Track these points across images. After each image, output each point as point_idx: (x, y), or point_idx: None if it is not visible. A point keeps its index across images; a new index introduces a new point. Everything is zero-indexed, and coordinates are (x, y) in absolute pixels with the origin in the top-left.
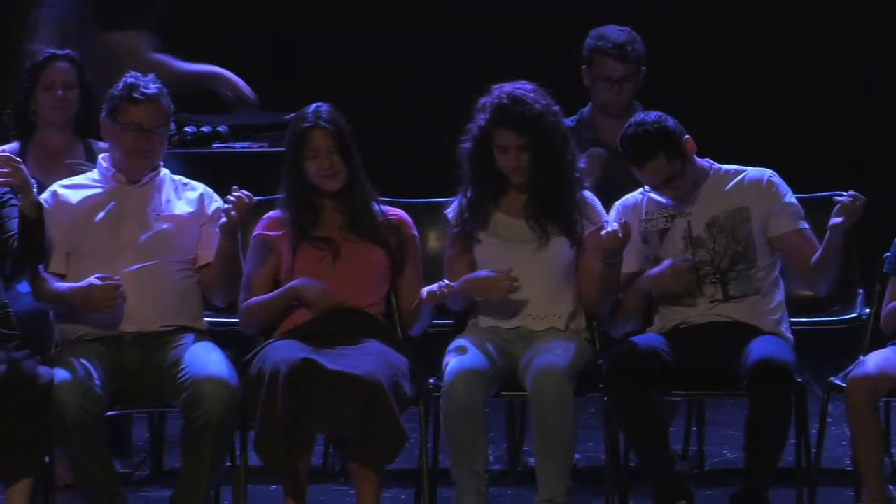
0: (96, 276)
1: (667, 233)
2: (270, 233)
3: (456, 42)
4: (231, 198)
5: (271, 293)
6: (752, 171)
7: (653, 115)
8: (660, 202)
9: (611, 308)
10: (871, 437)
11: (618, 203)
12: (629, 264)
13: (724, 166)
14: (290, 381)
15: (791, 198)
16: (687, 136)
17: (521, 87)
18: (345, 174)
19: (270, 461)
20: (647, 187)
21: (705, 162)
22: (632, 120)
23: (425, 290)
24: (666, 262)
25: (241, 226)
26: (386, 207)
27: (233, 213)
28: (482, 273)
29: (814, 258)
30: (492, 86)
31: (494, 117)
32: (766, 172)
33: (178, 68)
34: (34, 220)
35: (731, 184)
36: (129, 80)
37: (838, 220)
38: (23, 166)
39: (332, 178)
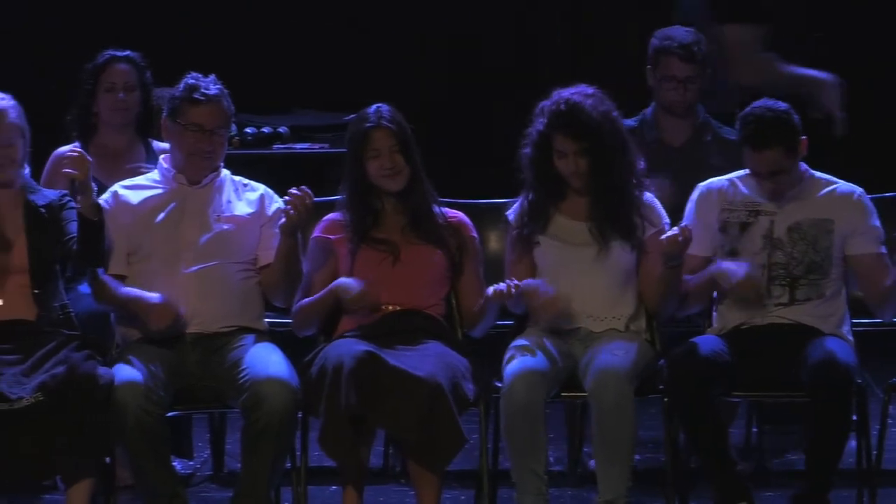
0: (159, 294)
1: (748, 227)
2: (329, 236)
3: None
4: (289, 197)
5: (317, 294)
6: (843, 185)
7: (782, 104)
8: (746, 193)
9: (673, 310)
10: None
11: (702, 185)
12: (701, 248)
13: (818, 174)
14: (354, 372)
15: (876, 220)
16: (804, 136)
17: (580, 92)
18: (406, 174)
19: (335, 453)
20: (735, 176)
21: (801, 166)
22: (761, 102)
23: (491, 288)
24: (743, 266)
25: (300, 226)
26: (446, 209)
27: (291, 212)
28: (542, 287)
29: (888, 281)
30: (552, 90)
31: (552, 123)
32: (857, 190)
33: (785, 70)
34: (93, 222)
35: (821, 193)
36: (190, 80)
37: None
38: (90, 165)
39: (394, 177)
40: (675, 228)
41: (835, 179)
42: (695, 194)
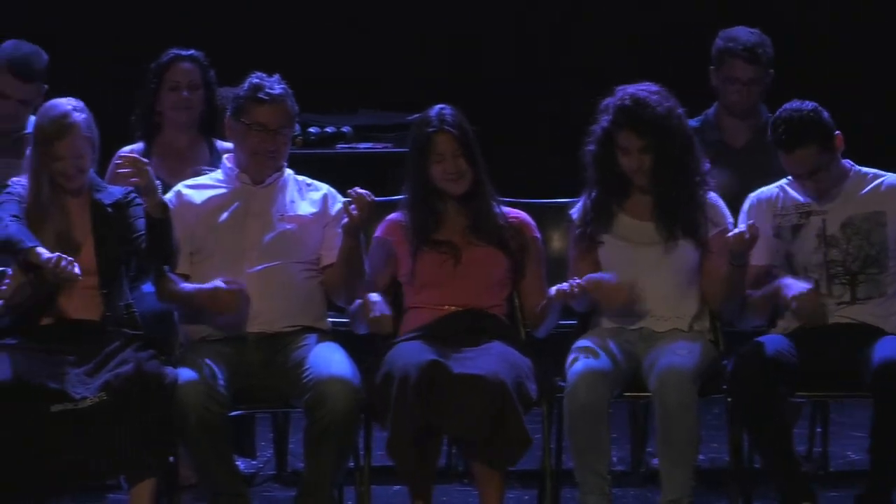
0: (221, 279)
1: (800, 229)
2: (390, 237)
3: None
4: (351, 196)
5: (360, 301)
6: (890, 177)
7: (809, 104)
8: (795, 198)
9: (736, 310)
10: None
11: (752, 195)
12: (759, 258)
13: (864, 169)
14: (419, 384)
15: None
16: (837, 132)
17: (644, 89)
18: (470, 177)
19: (403, 466)
20: (784, 182)
21: (846, 162)
22: (787, 105)
23: (554, 288)
24: (806, 285)
25: (362, 226)
26: (507, 209)
27: (354, 212)
28: (606, 276)
29: None
30: (616, 87)
31: (617, 119)
32: None
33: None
34: (160, 220)
35: (868, 187)
36: (255, 80)
37: None
38: (149, 167)
39: (457, 181)
40: (742, 227)
41: (881, 172)
42: (745, 205)
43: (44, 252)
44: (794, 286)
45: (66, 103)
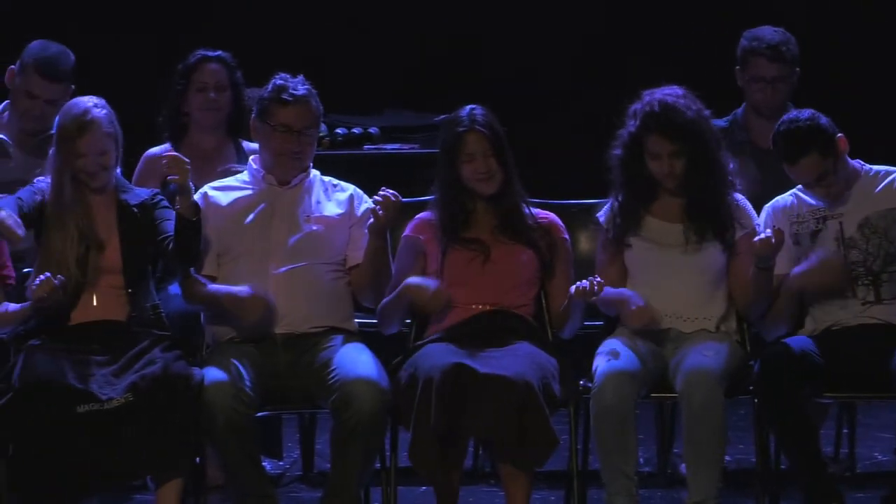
0: (250, 285)
1: (818, 234)
2: (420, 235)
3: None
4: (378, 197)
5: (392, 294)
6: None
7: (806, 112)
8: (811, 203)
9: (763, 312)
10: None
11: (768, 205)
12: (780, 266)
13: (875, 167)
14: (442, 388)
15: None
16: (840, 134)
17: (672, 93)
18: (500, 177)
19: (425, 470)
20: (798, 189)
21: (856, 162)
22: (784, 117)
23: (574, 286)
24: (812, 258)
25: (388, 227)
26: (536, 210)
27: (380, 212)
28: (629, 296)
29: None
30: (643, 91)
31: (646, 124)
32: None
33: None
34: (192, 222)
35: (881, 185)
36: (279, 81)
37: None
38: (189, 167)
39: (488, 181)
40: (769, 231)
41: (892, 168)
42: (762, 216)
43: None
44: (806, 265)
45: (88, 101)
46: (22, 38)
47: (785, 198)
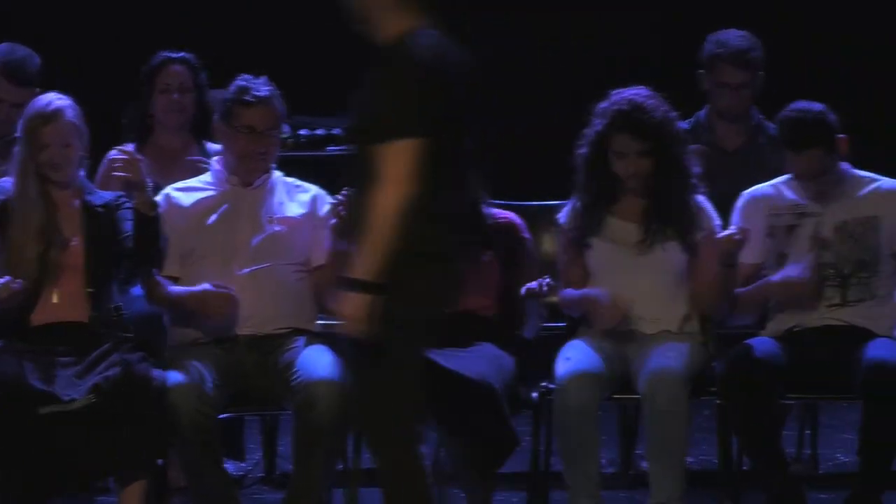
0: (211, 283)
1: (794, 230)
2: None
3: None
4: (340, 198)
5: None
6: (886, 182)
7: (818, 105)
8: (791, 198)
9: (727, 309)
10: None
11: (746, 192)
12: (750, 256)
13: (860, 172)
14: None
15: None
16: (842, 135)
17: (640, 93)
18: None
19: None
20: (779, 181)
21: (843, 165)
22: (796, 105)
23: (525, 287)
24: (787, 273)
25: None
26: (496, 211)
27: (342, 212)
28: (598, 296)
29: None
30: (610, 91)
31: (614, 123)
32: None
33: None
34: (149, 218)
35: (864, 190)
36: (241, 82)
37: None
38: (141, 163)
39: None
40: (732, 228)
41: (877, 176)
42: (739, 202)
43: None
44: (783, 276)
45: (53, 94)
46: None
47: (764, 188)
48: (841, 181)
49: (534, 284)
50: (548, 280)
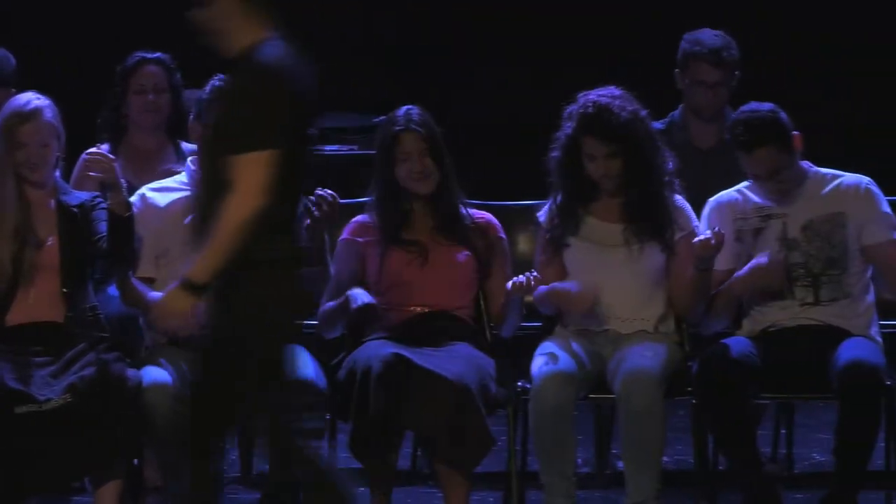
0: None
1: (761, 232)
2: (357, 238)
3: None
4: (314, 198)
5: (335, 301)
6: (849, 177)
7: (766, 105)
8: (756, 201)
9: (702, 312)
10: None
11: (712, 199)
12: (722, 262)
13: (822, 170)
14: (382, 376)
15: (887, 207)
16: (796, 132)
17: (608, 94)
18: (436, 177)
19: (365, 458)
20: (744, 186)
21: (805, 164)
22: (745, 107)
23: (511, 282)
24: (752, 262)
25: (327, 227)
26: (473, 210)
27: (317, 214)
28: (568, 286)
29: None
30: (578, 93)
31: (581, 126)
32: (864, 179)
33: None
34: (123, 219)
35: (828, 188)
36: (216, 83)
37: None
38: (115, 164)
39: (423, 181)
40: (708, 232)
41: (839, 172)
42: (706, 210)
43: None
44: (750, 266)
45: (31, 94)
46: None
47: (730, 193)
48: (803, 180)
49: (521, 278)
50: (535, 274)
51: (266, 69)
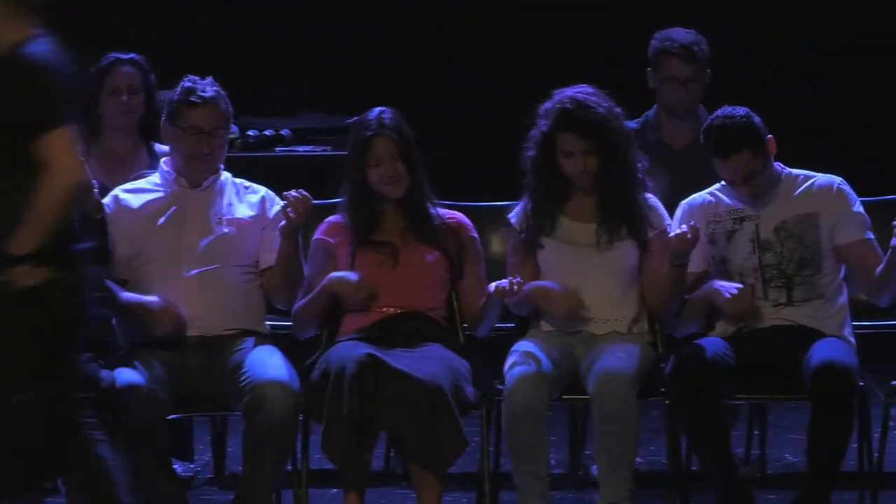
0: (159, 296)
1: (734, 234)
2: (329, 238)
3: (519, 45)
4: (288, 199)
5: (312, 293)
6: (821, 178)
7: (741, 109)
8: (728, 203)
9: (676, 310)
10: None
11: (684, 202)
12: (695, 264)
13: (794, 171)
14: (355, 376)
15: (859, 207)
16: (770, 135)
17: (583, 91)
18: (407, 181)
19: (338, 458)
20: (716, 188)
21: (777, 165)
22: (719, 112)
23: (493, 284)
24: (736, 286)
25: (300, 228)
26: (444, 211)
27: (291, 214)
28: (549, 284)
29: (878, 270)
30: (553, 91)
31: (558, 122)
32: (836, 180)
33: None
34: (95, 221)
35: (800, 189)
36: (187, 83)
37: None
38: (87, 166)
39: (394, 185)
40: (684, 227)
41: (811, 173)
42: (678, 212)
43: None
44: (725, 288)
45: None
46: None
47: (703, 195)
48: (776, 182)
49: (504, 283)
50: (518, 279)
51: (42, 59)
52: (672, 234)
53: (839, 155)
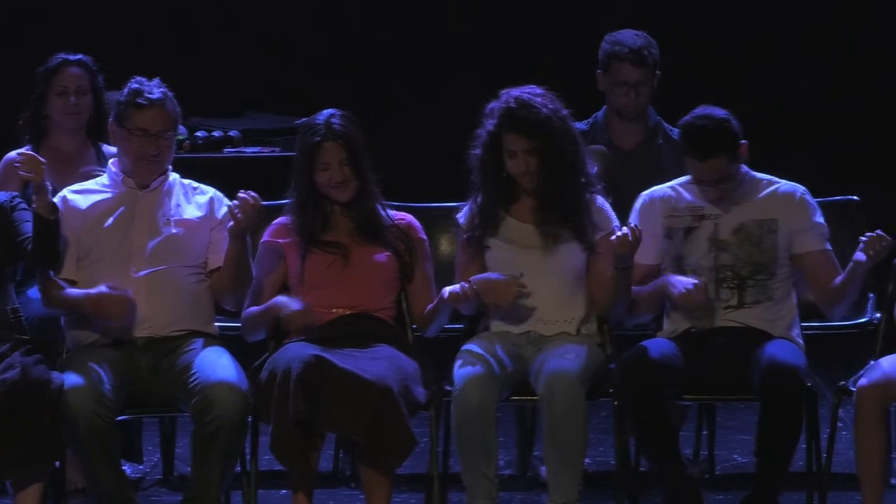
0: (106, 284)
1: (693, 231)
2: (278, 239)
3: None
4: (237, 200)
5: (259, 307)
6: (785, 185)
7: (721, 112)
8: (689, 200)
9: (623, 311)
10: (875, 448)
11: (645, 193)
12: (648, 257)
13: (759, 175)
14: (302, 378)
15: (820, 218)
16: (744, 140)
17: (529, 91)
18: (355, 185)
19: (285, 459)
20: (678, 183)
21: (742, 168)
22: (700, 111)
23: (447, 289)
24: (691, 281)
25: (248, 229)
26: (393, 212)
27: (239, 215)
28: (493, 275)
29: (835, 282)
30: (500, 90)
31: (502, 121)
32: (799, 188)
33: None
34: (49, 221)
35: (763, 193)
36: (134, 85)
37: (862, 257)
38: (44, 166)
39: (342, 189)
40: (625, 229)
41: (776, 179)
42: (638, 203)
43: None
44: (679, 283)
45: None
46: None
47: (663, 189)
48: (740, 184)
49: (456, 288)
50: (469, 285)
51: None
52: (613, 237)
53: (780, 158)
